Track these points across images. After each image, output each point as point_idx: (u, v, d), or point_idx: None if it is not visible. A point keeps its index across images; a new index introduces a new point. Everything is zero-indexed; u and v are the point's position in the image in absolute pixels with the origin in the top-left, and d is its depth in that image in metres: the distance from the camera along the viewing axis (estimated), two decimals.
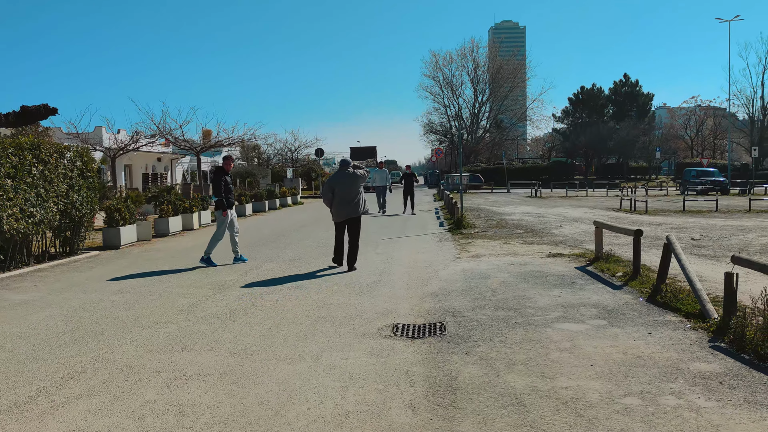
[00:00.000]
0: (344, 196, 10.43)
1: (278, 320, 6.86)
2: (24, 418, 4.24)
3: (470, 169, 63.64)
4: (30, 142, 11.62)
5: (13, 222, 10.56)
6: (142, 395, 4.61)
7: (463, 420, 4.05)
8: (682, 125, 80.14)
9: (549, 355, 5.36)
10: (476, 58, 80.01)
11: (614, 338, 5.86)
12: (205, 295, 8.38)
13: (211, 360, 5.45)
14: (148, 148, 35.89)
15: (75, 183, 12.88)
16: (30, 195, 11.17)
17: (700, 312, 6.49)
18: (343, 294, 8.28)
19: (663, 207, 25.88)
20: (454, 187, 41.24)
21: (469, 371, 5.00)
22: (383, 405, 4.33)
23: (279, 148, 59.63)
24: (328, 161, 67.60)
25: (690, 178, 43.32)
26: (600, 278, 8.97)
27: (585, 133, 70.74)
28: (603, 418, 4.01)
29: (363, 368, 5.13)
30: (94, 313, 7.45)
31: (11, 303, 8.19)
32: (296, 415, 4.19)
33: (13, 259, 11.06)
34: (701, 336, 5.86)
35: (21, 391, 4.75)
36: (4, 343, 6.19)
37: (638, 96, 78.43)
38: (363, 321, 6.75)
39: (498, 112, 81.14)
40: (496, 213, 23.51)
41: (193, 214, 18.78)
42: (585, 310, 6.99)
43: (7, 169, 10.66)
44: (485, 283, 8.81)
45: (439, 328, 6.36)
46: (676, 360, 5.16)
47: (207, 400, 4.49)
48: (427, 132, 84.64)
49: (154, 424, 4.08)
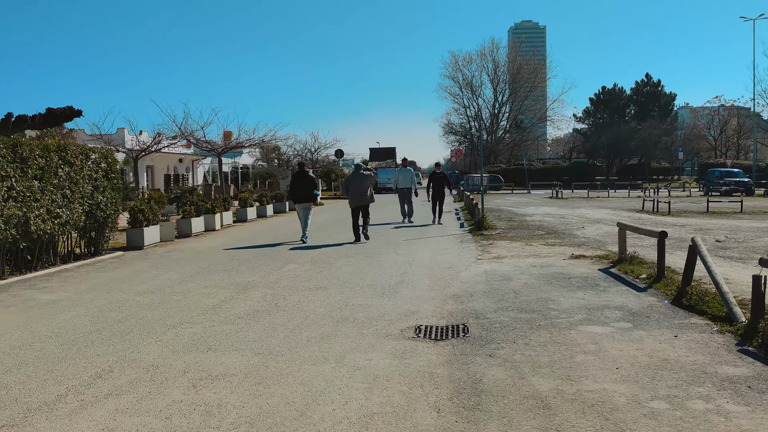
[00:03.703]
0: (356, 189, 15.06)
1: (301, 321, 6.89)
2: (54, 416, 4.30)
3: (490, 169, 63.40)
4: (56, 144, 11.80)
5: (40, 223, 10.72)
6: (169, 395, 4.66)
7: (489, 422, 4.05)
8: (706, 125, 79.12)
9: (573, 358, 5.33)
10: (496, 59, 79.74)
11: (639, 341, 5.81)
12: (228, 296, 8.44)
13: (236, 360, 5.49)
14: (170, 150, 36.23)
15: (100, 184, 13.04)
16: (56, 196, 11.33)
17: (726, 315, 6.41)
18: (366, 295, 8.30)
19: (686, 208, 25.60)
20: (475, 187, 41.17)
21: (494, 373, 4.99)
22: (408, 407, 4.34)
23: (299, 149, 59.81)
24: (347, 162, 67.70)
25: (713, 179, 42.73)
26: (624, 280, 8.90)
27: (606, 134, 70.14)
28: (630, 422, 3.98)
29: (387, 370, 5.14)
30: (120, 312, 7.54)
31: (39, 303, 8.31)
32: (321, 416, 4.21)
33: (40, 259, 11.23)
34: (728, 339, 5.79)
35: (51, 390, 4.82)
36: (33, 342, 6.29)
37: (660, 96, 77.60)
38: (386, 322, 6.76)
39: (518, 113, 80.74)
40: (517, 214, 23.41)
41: (215, 215, 18.92)
42: (609, 313, 6.94)
43: (34, 170, 10.83)
44: (508, 284, 8.78)
45: (462, 330, 6.36)
46: (704, 363, 5.11)
47: (233, 400, 4.53)
48: (447, 133, 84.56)
49: (181, 424, 4.12)
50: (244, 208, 23.15)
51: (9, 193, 10.10)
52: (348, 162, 67.69)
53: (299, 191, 15.20)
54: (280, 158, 61.51)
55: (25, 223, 10.32)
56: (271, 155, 60.22)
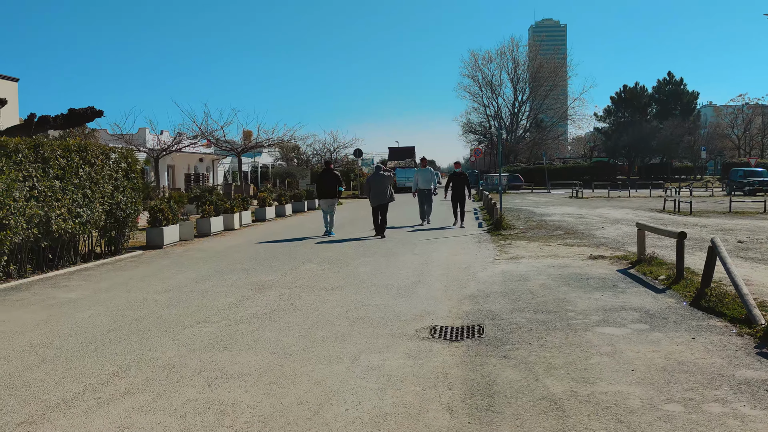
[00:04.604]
0: (377, 189, 16.04)
1: (317, 321, 6.92)
2: (71, 413, 4.36)
3: (510, 169, 63.11)
4: (77, 145, 11.95)
5: (61, 222, 10.87)
6: (184, 393, 4.71)
7: (501, 424, 4.03)
8: (729, 124, 78.09)
9: (589, 360, 5.30)
10: (516, 57, 79.45)
11: (656, 343, 5.76)
12: (245, 295, 8.50)
13: (251, 360, 5.53)
14: (191, 149, 36.50)
15: (120, 184, 13.20)
16: (77, 196, 11.48)
17: (746, 317, 6.33)
18: (381, 295, 8.30)
19: (708, 208, 25.29)
20: (494, 187, 40.97)
21: (508, 375, 4.97)
22: (420, 407, 4.34)
23: (318, 149, 59.99)
24: (366, 161, 67.78)
25: (737, 179, 42.16)
26: (642, 281, 8.82)
27: (628, 133, 69.50)
28: (644, 425, 3.95)
29: (401, 370, 5.15)
30: (138, 311, 7.63)
31: (59, 301, 8.43)
32: (334, 415, 4.23)
33: (61, 258, 11.39)
34: (747, 342, 5.72)
35: (68, 388, 4.89)
36: (53, 340, 6.38)
37: (683, 94, 76.72)
38: (401, 322, 6.77)
39: (538, 112, 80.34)
40: (536, 214, 23.28)
41: (234, 215, 19.05)
42: (626, 314, 6.89)
43: (55, 170, 10.98)
44: (524, 285, 8.74)
45: (478, 331, 6.34)
46: (721, 366, 5.05)
47: (247, 399, 4.56)
48: (466, 132, 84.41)
49: (196, 423, 4.16)
50: (262, 208, 23.29)
51: (31, 192, 10.25)
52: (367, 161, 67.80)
53: (325, 187, 16.95)
54: (300, 158, 61.73)
55: (46, 222, 10.48)
56: (291, 155, 60.47)
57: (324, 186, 16.99)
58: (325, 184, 16.96)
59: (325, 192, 16.92)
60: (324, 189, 16.97)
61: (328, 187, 16.90)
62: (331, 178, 16.98)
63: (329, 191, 16.87)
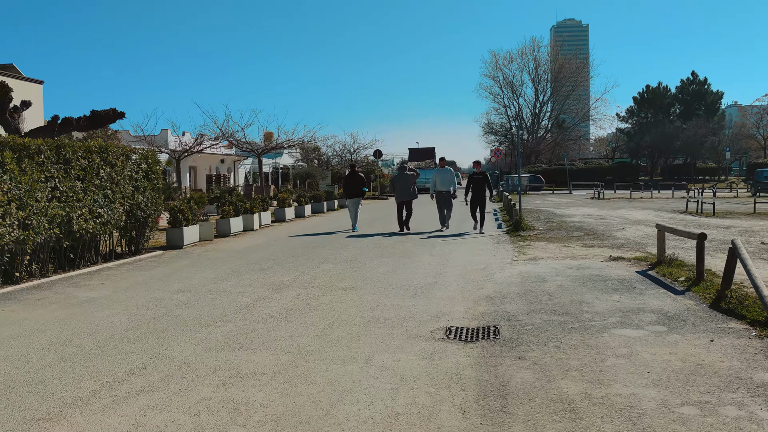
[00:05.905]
0: (402, 186, 17.67)
1: (333, 321, 6.94)
2: (88, 411, 4.42)
3: (531, 169, 62.77)
4: (98, 146, 12.10)
5: (83, 222, 11.01)
6: (199, 392, 4.74)
7: (513, 425, 4.02)
8: (754, 124, 76.95)
9: (604, 362, 5.25)
10: (537, 57, 78.99)
11: (673, 345, 5.70)
12: (263, 295, 8.54)
13: (266, 359, 5.56)
14: (212, 150, 36.74)
15: (140, 185, 13.34)
16: (98, 196, 11.63)
17: (766, 319, 6.24)
18: (398, 295, 8.30)
19: (732, 209, 24.94)
20: (514, 188, 40.76)
21: (522, 376, 4.95)
22: (433, 408, 4.33)
23: (338, 150, 60.09)
24: (387, 162, 67.77)
25: (762, 179, 41.43)
26: (661, 283, 8.73)
27: (650, 133, 68.79)
28: (658, 428, 3.91)
29: (414, 370, 5.14)
30: (156, 311, 7.70)
31: (79, 300, 8.54)
32: (346, 415, 4.24)
33: (82, 258, 11.54)
34: (767, 344, 5.63)
35: (86, 385, 4.95)
36: (71, 338, 6.47)
37: (707, 94, 75.71)
38: (416, 323, 6.76)
39: (560, 112, 79.78)
40: (556, 215, 23.13)
41: (253, 215, 19.17)
42: (644, 316, 6.82)
43: (77, 171, 11.13)
44: (542, 286, 8.69)
45: (493, 332, 6.32)
46: (739, 369, 4.98)
47: (260, 398, 4.59)
48: (487, 132, 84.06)
49: (209, 421, 4.19)
50: (282, 208, 23.40)
51: (53, 193, 10.40)
52: (387, 162, 67.78)
53: (350, 187, 18.69)
54: (320, 159, 61.91)
55: (68, 222, 10.63)
56: (311, 156, 60.67)
57: (350, 186, 18.70)
58: (351, 185, 18.66)
59: (351, 192, 18.61)
60: (350, 189, 18.67)
61: (354, 187, 18.58)
62: (356, 180, 18.66)
63: (355, 191, 18.53)
